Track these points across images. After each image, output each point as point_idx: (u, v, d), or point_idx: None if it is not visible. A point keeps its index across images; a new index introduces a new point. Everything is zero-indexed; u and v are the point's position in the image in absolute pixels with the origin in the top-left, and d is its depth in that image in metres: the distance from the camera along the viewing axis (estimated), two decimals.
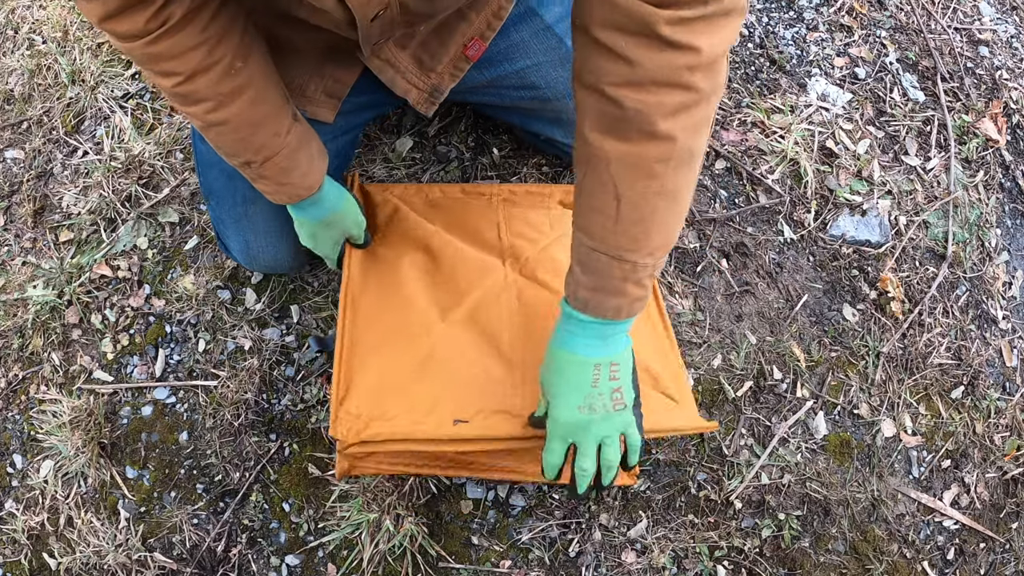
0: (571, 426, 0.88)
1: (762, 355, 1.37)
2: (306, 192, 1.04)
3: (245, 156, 0.97)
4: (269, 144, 0.96)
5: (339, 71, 1.08)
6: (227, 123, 0.92)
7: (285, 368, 1.34)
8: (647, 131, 0.73)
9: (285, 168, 0.99)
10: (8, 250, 1.48)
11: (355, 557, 1.27)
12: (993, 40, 1.70)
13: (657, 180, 0.76)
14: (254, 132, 0.94)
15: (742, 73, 1.55)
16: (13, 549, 1.34)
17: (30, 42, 1.63)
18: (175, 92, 0.87)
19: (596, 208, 0.79)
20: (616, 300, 0.84)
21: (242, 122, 0.93)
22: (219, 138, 0.95)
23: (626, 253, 0.80)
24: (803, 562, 1.32)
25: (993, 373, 1.46)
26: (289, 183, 1.02)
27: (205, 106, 0.89)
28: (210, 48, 0.84)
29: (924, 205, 1.50)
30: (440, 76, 1.10)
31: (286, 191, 1.03)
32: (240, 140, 0.95)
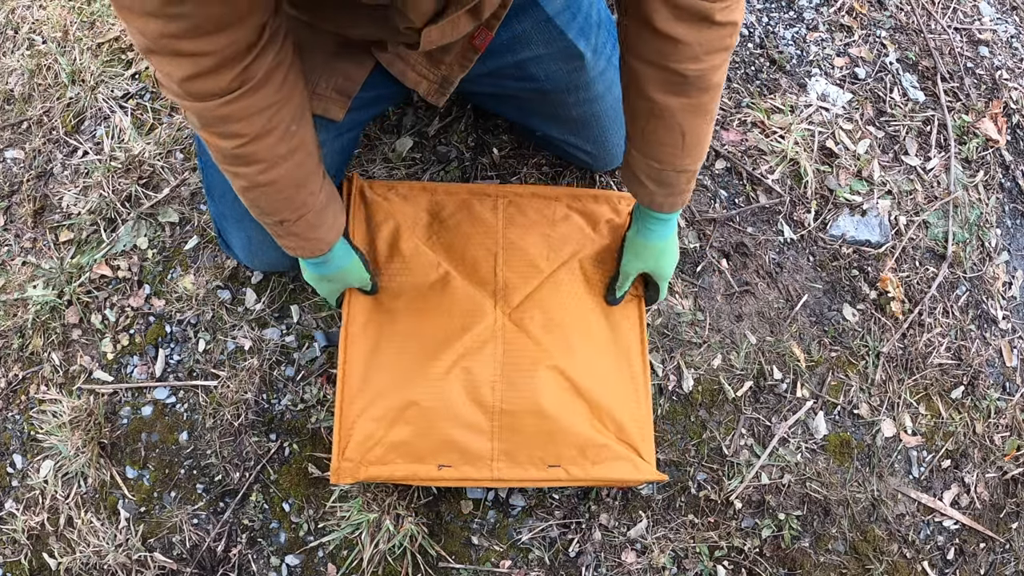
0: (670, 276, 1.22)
1: (762, 355, 1.37)
2: (327, 247, 1.07)
3: (283, 215, 0.98)
4: (307, 203, 0.98)
5: (350, 68, 1.09)
6: (275, 183, 0.93)
7: (285, 368, 1.34)
8: (704, 87, 0.91)
9: (314, 224, 1.02)
10: (8, 250, 1.48)
11: (355, 557, 1.27)
12: (993, 40, 1.70)
13: (710, 115, 0.96)
14: (297, 192, 0.96)
15: (742, 73, 1.55)
16: (13, 549, 1.34)
17: (30, 42, 1.63)
18: (234, 154, 0.88)
19: (665, 143, 0.98)
20: (683, 197, 1.08)
21: (289, 182, 0.94)
22: (262, 198, 0.96)
23: (689, 166, 1.01)
24: (803, 562, 1.32)
25: (993, 373, 1.46)
26: (315, 238, 1.05)
27: (259, 167, 0.90)
28: (277, 110, 0.85)
29: (924, 205, 1.50)
30: (449, 67, 1.11)
31: (310, 246, 1.05)
32: (284, 200, 0.96)
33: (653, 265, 1.19)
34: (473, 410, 1.13)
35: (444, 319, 1.17)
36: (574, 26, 1.15)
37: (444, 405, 1.12)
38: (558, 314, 1.20)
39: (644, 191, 1.07)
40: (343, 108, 1.12)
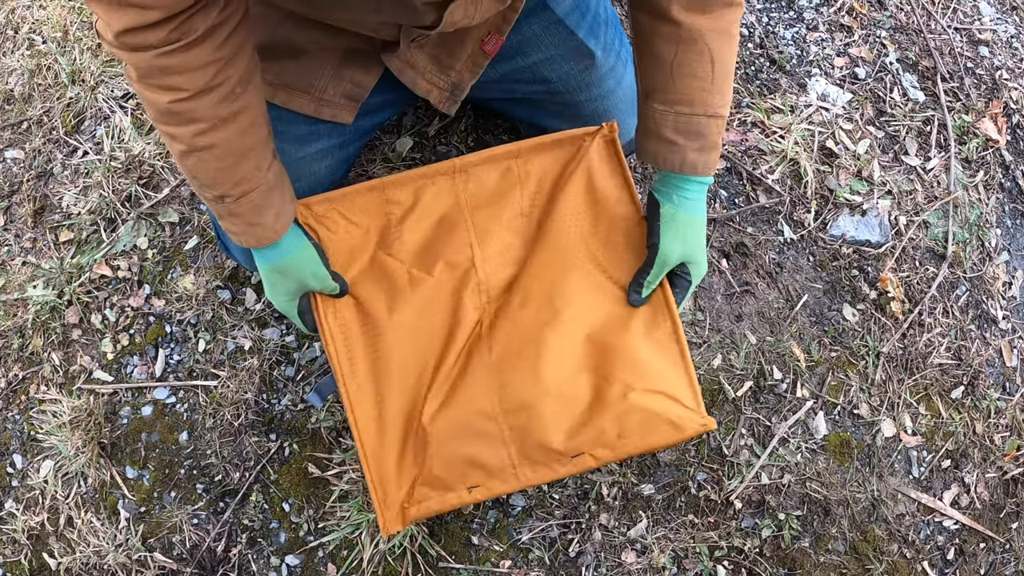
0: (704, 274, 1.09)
1: (762, 355, 1.37)
2: (275, 235, 0.99)
3: (223, 188, 0.93)
4: (250, 178, 0.93)
5: (358, 74, 1.08)
6: (214, 148, 0.89)
7: (285, 368, 1.34)
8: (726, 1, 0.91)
9: (259, 206, 0.96)
10: (8, 250, 1.48)
11: (355, 557, 1.27)
12: (993, 40, 1.70)
13: (735, 38, 0.95)
14: (238, 162, 0.91)
15: (742, 73, 1.55)
16: (13, 549, 1.34)
17: (30, 42, 1.63)
18: (171, 109, 0.85)
19: (695, 75, 0.94)
20: (715, 154, 1.00)
21: (229, 149, 0.90)
22: (200, 165, 0.91)
23: (720, 109, 0.97)
24: (803, 562, 1.32)
25: (993, 373, 1.46)
26: (260, 224, 0.97)
27: (197, 127, 0.87)
28: (220, 68, 0.83)
29: (924, 205, 1.50)
30: (460, 73, 1.10)
31: (255, 232, 0.98)
32: (223, 170, 0.91)
33: (693, 250, 1.06)
34: (479, 421, 1.05)
35: (428, 338, 1.08)
36: (584, 25, 1.15)
37: (450, 426, 1.05)
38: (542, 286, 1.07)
39: (674, 150, 1.00)
40: (352, 113, 1.11)
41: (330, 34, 1.02)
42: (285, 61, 1.06)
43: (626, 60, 1.24)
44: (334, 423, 1.31)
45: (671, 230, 1.03)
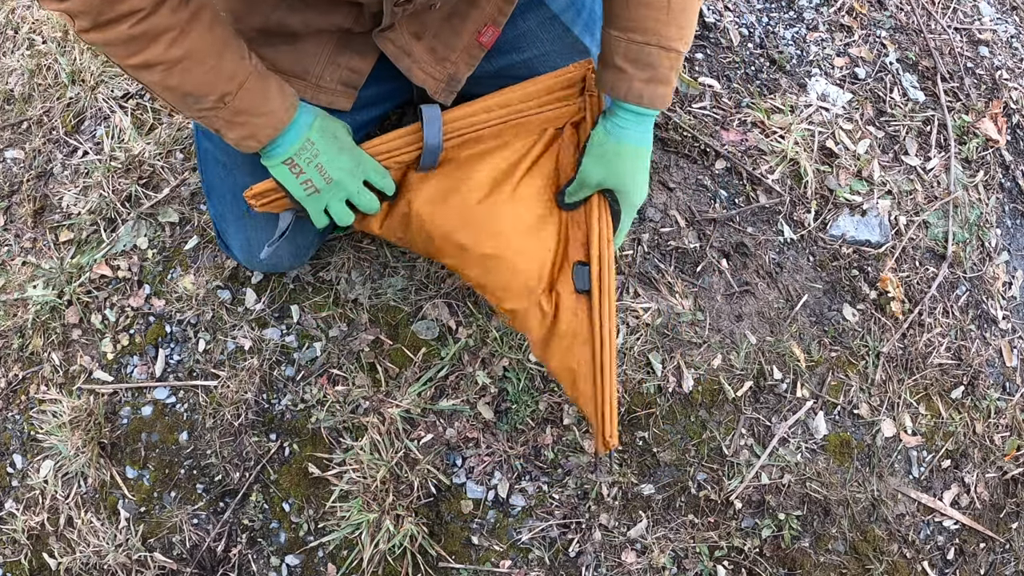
0: (639, 205, 1.07)
1: (762, 355, 1.37)
2: (286, 114, 0.97)
3: (220, 88, 0.90)
4: (239, 68, 0.91)
5: (354, 60, 1.08)
6: (192, 54, 0.87)
7: (285, 368, 1.34)
8: None
9: (260, 91, 0.94)
10: (8, 250, 1.48)
11: (355, 557, 1.27)
12: (993, 40, 1.70)
13: None
14: (221, 58, 0.90)
15: (742, 73, 1.55)
16: (13, 549, 1.34)
17: (30, 42, 1.63)
18: (133, 34, 0.84)
19: (650, 4, 0.93)
20: (664, 88, 0.99)
21: (206, 49, 0.88)
22: (187, 76, 0.88)
23: (674, 42, 0.95)
24: (803, 562, 1.32)
25: (993, 373, 1.46)
26: (268, 111, 0.95)
27: (166, 39, 0.85)
28: None
29: (924, 205, 1.50)
30: (456, 65, 1.11)
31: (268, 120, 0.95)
32: (210, 69, 0.89)
33: (617, 179, 1.04)
34: None
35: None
36: (579, 22, 1.15)
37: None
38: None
39: (623, 78, 0.98)
40: (350, 99, 1.11)
41: (321, 11, 1.01)
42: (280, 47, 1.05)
43: None
44: (334, 423, 1.31)
45: (595, 154, 1.04)
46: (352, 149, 1.03)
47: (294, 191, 1.02)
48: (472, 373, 1.30)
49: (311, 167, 1.01)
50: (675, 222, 1.41)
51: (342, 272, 1.36)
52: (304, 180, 1.01)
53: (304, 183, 1.02)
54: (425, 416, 1.30)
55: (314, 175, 1.01)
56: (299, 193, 1.02)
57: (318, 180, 1.02)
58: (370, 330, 1.34)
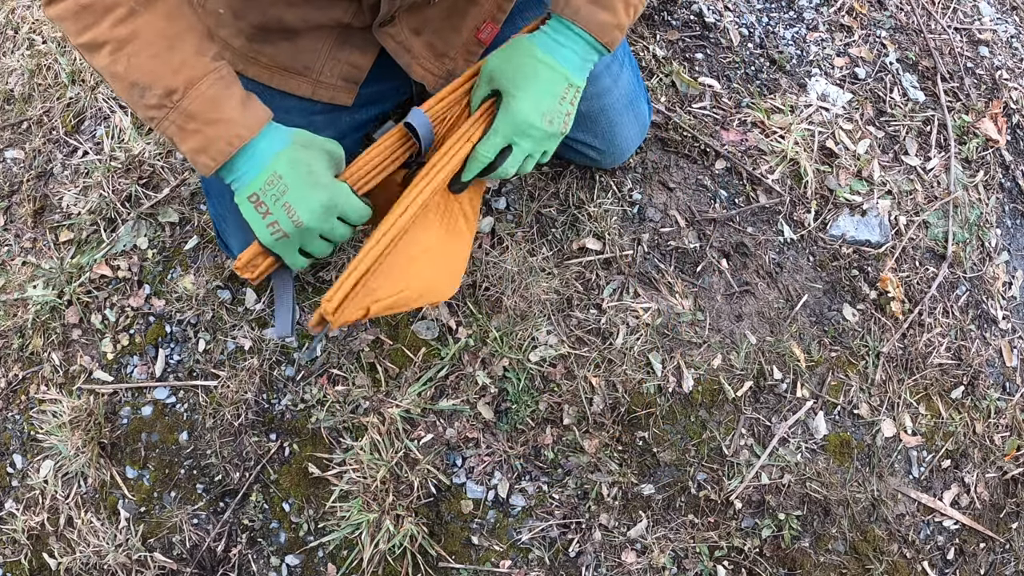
0: (525, 127, 0.92)
1: (762, 355, 1.37)
2: (247, 131, 0.84)
3: (165, 81, 0.81)
4: (191, 63, 0.83)
5: (355, 55, 1.08)
6: (139, 35, 0.81)
7: (285, 368, 1.34)
8: None
9: (215, 98, 0.83)
10: (8, 250, 1.48)
11: (355, 557, 1.27)
12: (993, 40, 1.70)
13: None
14: (172, 46, 0.82)
15: (742, 73, 1.55)
16: (13, 549, 1.34)
17: (30, 42, 1.63)
18: (82, 3, 0.80)
19: None
20: (605, 15, 0.90)
21: (156, 34, 0.81)
22: (133, 62, 0.81)
23: None
24: (803, 562, 1.32)
25: (993, 373, 1.46)
26: (223, 119, 0.83)
27: (114, 16, 0.80)
28: None
29: (924, 205, 1.50)
30: (454, 61, 1.11)
31: (222, 132, 0.83)
32: (155, 56, 0.81)
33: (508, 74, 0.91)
34: None
35: None
36: None
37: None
38: None
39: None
40: (351, 94, 1.11)
41: (318, 6, 1.01)
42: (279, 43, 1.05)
43: (622, 59, 1.23)
44: (334, 423, 1.31)
45: (505, 46, 0.95)
46: (329, 185, 0.88)
47: (260, 235, 0.88)
48: (472, 373, 1.30)
49: (277, 206, 0.87)
50: (675, 222, 1.41)
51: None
52: (271, 222, 0.87)
53: (270, 225, 0.88)
54: (425, 416, 1.30)
55: (281, 216, 0.87)
56: (266, 238, 0.88)
57: (285, 223, 0.87)
58: (370, 330, 1.34)
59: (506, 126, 0.94)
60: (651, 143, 1.45)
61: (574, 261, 1.37)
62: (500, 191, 1.41)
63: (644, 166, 1.43)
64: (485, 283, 1.33)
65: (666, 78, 1.50)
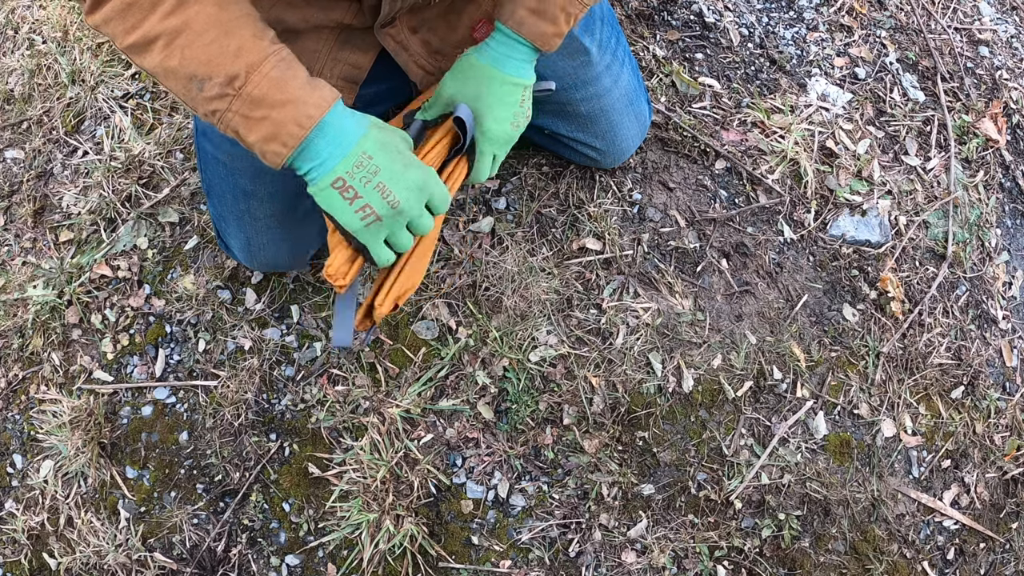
0: (502, 140, 1.00)
1: (762, 355, 1.37)
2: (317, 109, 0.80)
3: (224, 67, 0.77)
4: (250, 47, 0.79)
5: (355, 56, 1.08)
6: (191, 25, 0.77)
7: (285, 368, 1.34)
8: None
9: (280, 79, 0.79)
10: (8, 250, 1.48)
11: (355, 557, 1.27)
12: (993, 40, 1.70)
13: None
14: (228, 31, 0.78)
15: (742, 73, 1.55)
16: (13, 549, 1.34)
17: (30, 42, 1.63)
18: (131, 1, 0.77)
19: None
20: (546, 26, 0.94)
21: (209, 22, 0.78)
22: (188, 52, 0.77)
23: None
24: (803, 562, 1.32)
25: (993, 373, 1.46)
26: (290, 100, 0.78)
27: (164, 8, 0.76)
28: None
29: (924, 205, 1.50)
30: (448, 59, 1.11)
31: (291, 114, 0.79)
32: (212, 43, 0.77)
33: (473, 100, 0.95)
34: None
35: None
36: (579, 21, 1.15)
37: None
38: None
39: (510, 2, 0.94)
40: (351, 95, 1.11)
41: (320, 7, 1.01)
42: None
43: (622, 59, 1.23)
44: (334, 423, 1.31)
45: (456, 67, 0.98)
46: (419, 165, 0.87)
47: (348, 222, 0.84)
48: (472, 373, 1.30)
49: (369, 188, 0.82)
50: (675, 222, 1.41)
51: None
52: (361, 206, 0.83)
53: (360, 210, 0.83)
54: (425, 416, 1.30)
55: (374, 198, 0.83)
56: (354, 224, 0.84)
57: (380, 205, 0.83)
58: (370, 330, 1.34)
59: (487, 145, 1.00)
60: (651, 143, 1.45)
61: (574, 261, 1.37)
62: (500, 191, 1.41)
63: (644, 166, 1.43)
64: (485, 283, 1.33)
65: (666, 78, 1.50)
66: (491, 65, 0.96)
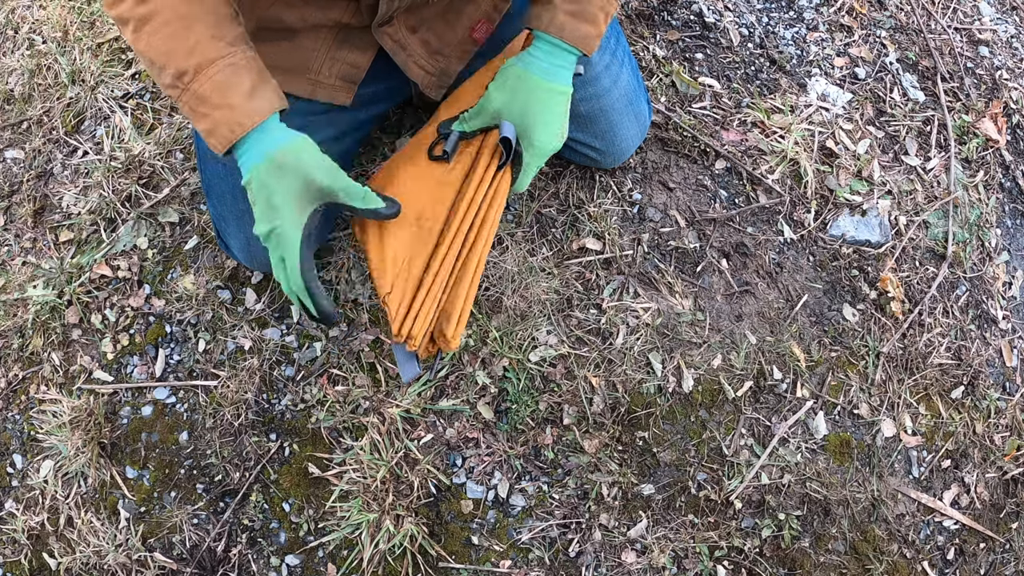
0: (547, 151, 1.01)
1: (762, 355, 1.37)
2: (248, 120, 0.86)
3: (177, 62, 0.84)
4: (204, 47, 0.85)
5: (353, 55, 1.08)
6: (157, 14, 0.83)
7: (285, 368, 1.34)
8: None
9: (224, 84, 0.85)
10: (8, 250, 1.48)
11: (355, 557, 1.27)
12: (993, 40, 1.70)
13: None
14: (188, 26, 0.84)
15: (742, 73, 1.55)
16: (13, 549, 1.34)
17: (30, 42, 1.63)
18: None
19: None
20: (587, 28, 0.94)
21: (173, 14, 0.84)
22: (151, 40, 0.84)
23: None
24: (803, 562, 1.32)
25: (993, 373, 1.46)
26: (228, 104, 0.85)
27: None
28: None
29: (924, 205, 1.50)
30: (448, 59, 1.11)
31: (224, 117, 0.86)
32: (171, 36, 0.83)
33: (519, 109, 0.98)
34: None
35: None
36: None
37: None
38: None
39: (547, 8, 0.94)
40: (349, 94, 1.11)
41: (318, 6, 1.01)
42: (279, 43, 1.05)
43: (622, 59, 1.23)
44: (334, 423, 1.31)
45: (499, 78, 1.00)
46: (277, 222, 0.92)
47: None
48: (472, 373, 1.30)
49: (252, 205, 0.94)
50: (675, 222, 1.41)
51: (342, 272, 1.36)
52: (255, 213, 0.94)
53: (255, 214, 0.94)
54: (425, 416, 1.30)
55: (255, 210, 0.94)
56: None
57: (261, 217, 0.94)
58: (370, 330, 1.34)
59: (535, 158, 1.02)
60: (651, 143, 1.45)
61: (574, 261, 1.37)
62: None
63: (644, 166, 1.43)
64: (485, 283, 1.33)
65: (666, 78, 1.50)
66: (539, 76, 0.97)
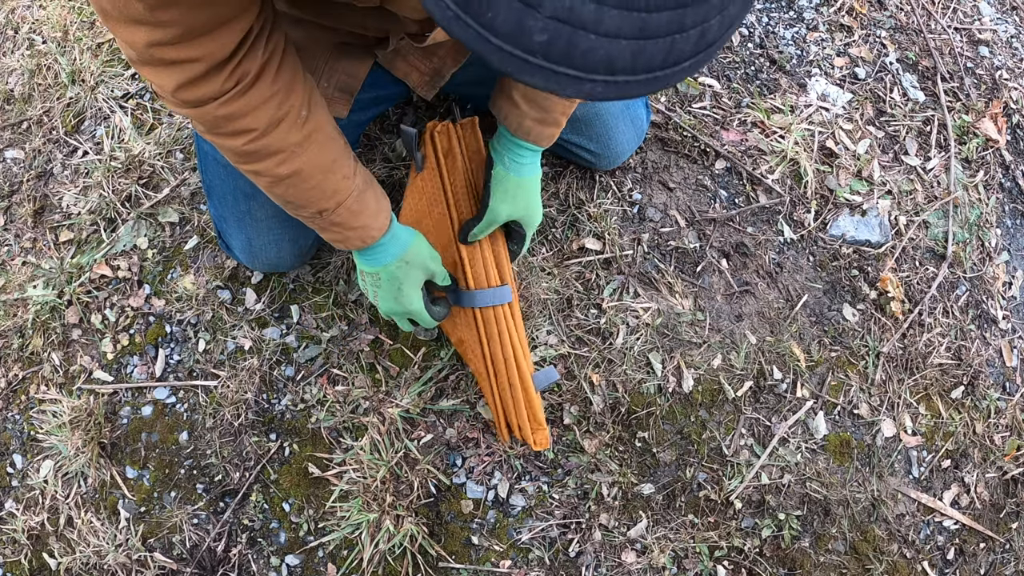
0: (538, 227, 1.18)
1: (762, 355, 1.37)
2: (378, 232, 1.02)
3: (319, 204, 0.94)
4: (341, 188, 0.94)
5: (351, 66, 1.09)
6: (300, 173, 0.90)
7: (285, 368, 1.34)
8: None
9: (356, 211, 0.98)
10: (8, 250, 1.48)
11: (355, 557, 1.27)
12: (993, 40, 1.70)
13: None
14: (326, 178, 0.92)
15: (742, 73, 1.55)
16: (13, 549, 1.34)
17: (30, 42, 1.63)
18: (246, 150, 0.85)
19: None
20: (551, 130, 1.05)
21: (314, 168, 0.91)
22: (291, 191, 0.92)
23: None
24: (803, 562, 1.32)
25: (993, 373, 1.46)
26: (360, 226, 0.99)
27: (277, 159, 0.87)
28: (281, 100, 0.83)
29: (924, 205, 1.50)
30: (442, 60, 1.11)
31: (358, 234, 1.00)
32: (314, 188, 0.92)
33: (523, 209, 1.13)
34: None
35: None
36: None
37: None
38: None
39: (515, 112, 1.03)
40: (347, 106, 1.12)
41: (324, 29, 1.02)
42: None
43: None
44: (334, 423, 1.31)
45: (500, 191, 1.10)
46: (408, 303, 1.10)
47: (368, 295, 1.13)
48: (472, 373, 1.30)
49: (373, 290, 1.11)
50: (675, 222, 1.41)
51: (341, 272, 1.36)
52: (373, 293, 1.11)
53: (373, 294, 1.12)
54: (425, 416, 1.30)
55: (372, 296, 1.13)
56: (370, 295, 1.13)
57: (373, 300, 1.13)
58: (370, 330, 1.34)
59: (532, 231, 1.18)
60: (651, 143, 1.45)
61: (574, 261, 1.37)
62: None
63: (644, 166, 1.43)
64: None
65: None
66: (526, 176, 1.09)
